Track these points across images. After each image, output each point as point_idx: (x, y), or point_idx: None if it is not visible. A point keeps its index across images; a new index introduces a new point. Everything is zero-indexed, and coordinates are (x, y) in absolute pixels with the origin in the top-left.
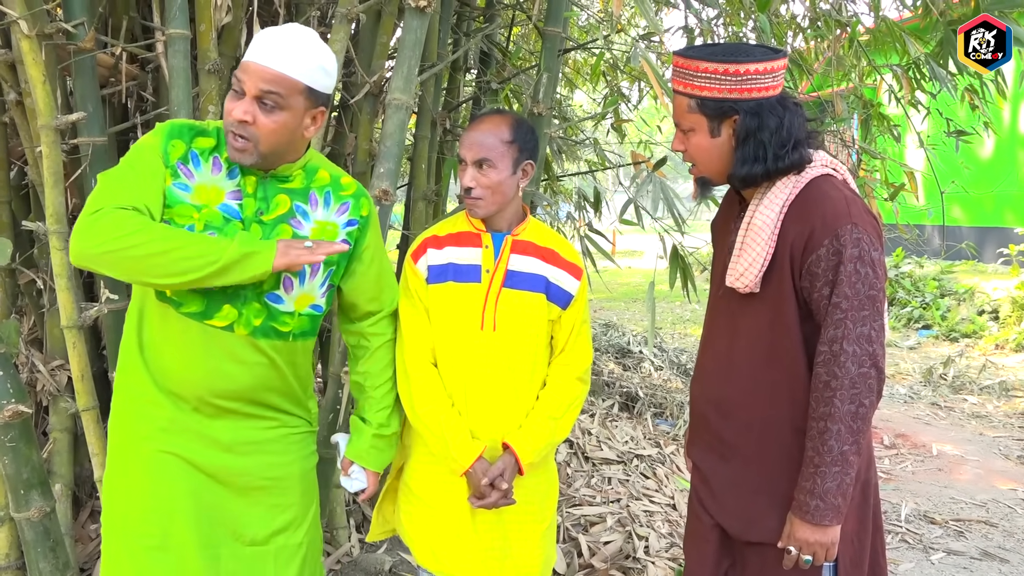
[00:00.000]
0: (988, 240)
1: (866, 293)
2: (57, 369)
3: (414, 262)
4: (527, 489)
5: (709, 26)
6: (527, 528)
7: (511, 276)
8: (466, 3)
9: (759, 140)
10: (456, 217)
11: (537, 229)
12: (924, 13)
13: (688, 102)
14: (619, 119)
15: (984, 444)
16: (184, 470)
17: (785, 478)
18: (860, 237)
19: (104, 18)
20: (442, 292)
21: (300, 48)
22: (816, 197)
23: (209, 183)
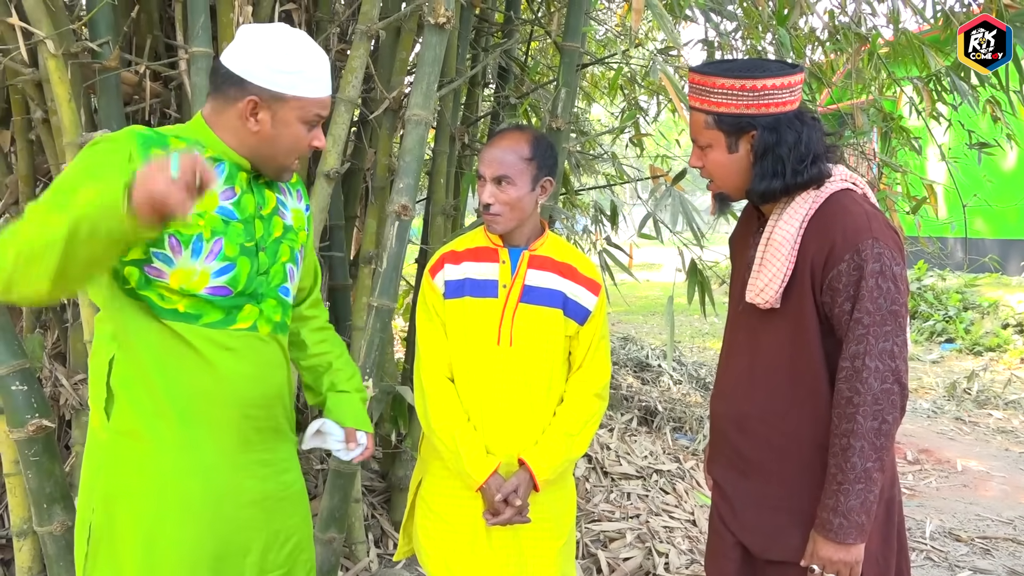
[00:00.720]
0: (1012, 253)
1: (888, 308)
2: (80, 383)
3: (431, 277)
4: (543, 506)
5: (728, 40)
6: (543, 545)
7: (528, 291)
8: (484, 19)
9: (777, 155)
10: (474, 232)
11: (555, 244)
12: (944, 25)
13: (705, 118)
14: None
15: (1010, 460)
16: (218, 511)
17: (807, 495)
18: (881, 252)
19: (128, 37)
20: (459, 307)
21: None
22: (836, 212)
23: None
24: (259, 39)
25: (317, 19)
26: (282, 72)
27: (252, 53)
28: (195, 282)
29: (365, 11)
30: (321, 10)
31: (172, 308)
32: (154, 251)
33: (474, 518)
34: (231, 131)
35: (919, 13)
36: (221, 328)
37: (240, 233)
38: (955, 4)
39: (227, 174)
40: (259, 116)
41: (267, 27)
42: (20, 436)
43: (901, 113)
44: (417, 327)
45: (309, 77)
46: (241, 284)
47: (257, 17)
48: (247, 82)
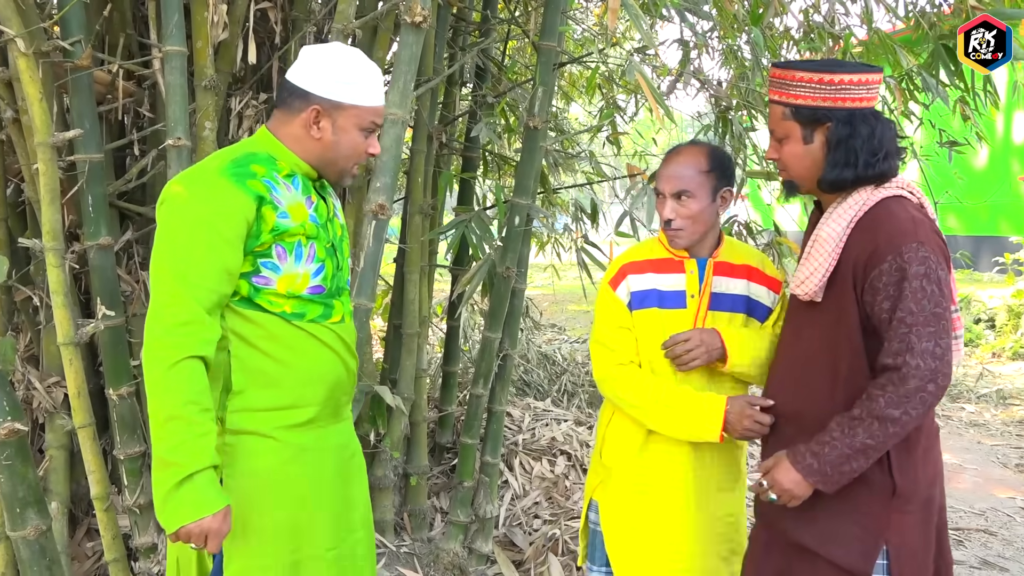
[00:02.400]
0: (983, 249)
1: (932, 310)
2: (53, 386)
3: (613, 289)
4: (727, 509)
5: (704, 39)
6: (729, 540)
7: (715, 299)
8: (462, 18)
9: (851, 147)
10: (650, 244)
11: (731, 248)
12: (916, 25)
13: (783, 110)
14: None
15: (982, 453)
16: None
17: (855, 488)
18: (927, 256)
19: (101, 35)
20: (647, 317)
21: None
22: (883, 215)
23: (294, 201)
24: (319, 56)
25: (293, 17)
26: (340, 83)
27: (314, 68)
28: (299, 284)
29: (341, 10)
30: (297, 8)
31: (281, 311)
32: (262, 261)
33: (662, 518)
34: (296, 140)
35: (892, 12)
36: (322, 323)
37: (324, 236)
38: (926, 4)
39: (302, 186)
40: (321, 124)
41: (327, 46)
42: None
43: None
44: (598, 335)
45: (364, 87)
46: (329, 281)
47: (231, 16)
48: (310, 94)
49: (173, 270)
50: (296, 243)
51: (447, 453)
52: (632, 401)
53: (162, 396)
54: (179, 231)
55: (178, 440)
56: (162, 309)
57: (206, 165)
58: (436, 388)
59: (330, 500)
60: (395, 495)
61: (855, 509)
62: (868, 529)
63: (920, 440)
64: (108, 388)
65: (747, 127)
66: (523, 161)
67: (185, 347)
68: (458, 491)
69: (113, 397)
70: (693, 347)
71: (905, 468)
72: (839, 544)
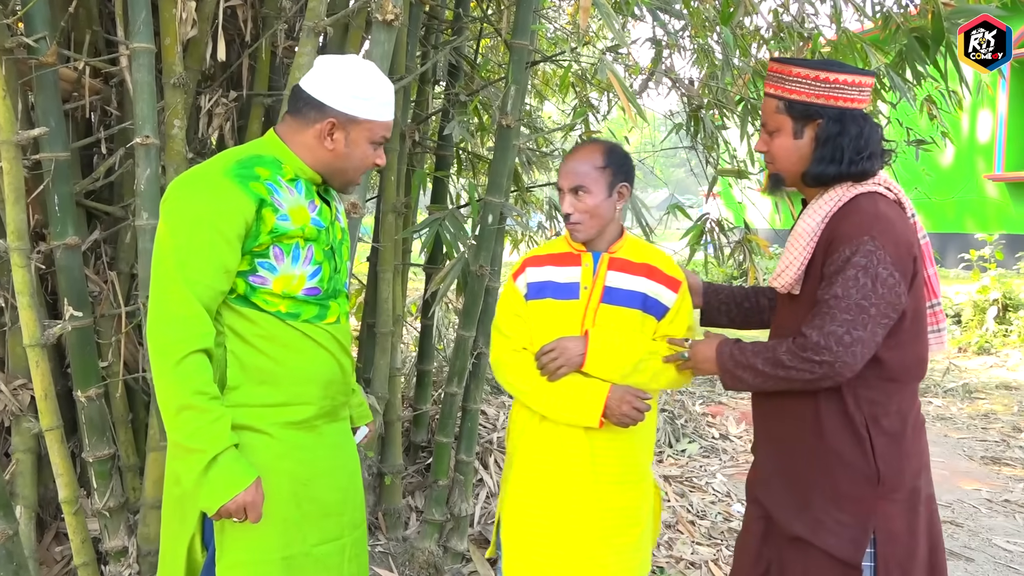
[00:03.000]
0: (950, 246)
1: (857, 301)
2: (20, 388)
3: (514, 280)
4: (623, 498)
5: (675, 38)
6: (625, 531)
7: (608, 292)
8: (434, 16)
9: (838, 144)
10: (557, 240)
11: (633, 246)
12: (884, 25)
13: (777, 104)
14: (588, 130)
15: (949, 446)
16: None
17: (832, 472)
18: (874, 251)
19: (66, 32)
20: (541, 308)
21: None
22: (853, 210)
23: (296, 204)
24: (337, 69)
25: (263, 15)
26: (357, 98)
27: (330, 80)
28: (294, 285)
29: (312, 7)
30: (267, 6)
31: (276, 310)
32: (259, 261)
33: (556, 504)
34: (307, 148)
35: (860, 11)
36: (316, 323)
37: (324, 239)
38: (893, 5)
39: (305, 190)
40: (335, 136)
41: (344, 58)
42: None
43: None
44: (497, 322)
45: (380, 103)
46: (326, 284)
47: (200, 13)
48: (326, 106)
49: (173, 265)
50: (294, 245)
51: (422, 452)
52: (521, 387)
53: (172, 388)
54: (181, 227)
55: (194, 427)
56: (163, 304)
57: (212, 164)
58: (410, 387)
59: (322, 498)
60: (370, 494)
61: (843, 496)
62: (857, 516)
63: (905, 432)
64: (76, 390)
65: (719, 125)
66: (496, 159)
67: (189, 341)
68: (433, 490)
69: (81, 399)
70: (557, 355)
71: (888, 456)
72: (830, 533)
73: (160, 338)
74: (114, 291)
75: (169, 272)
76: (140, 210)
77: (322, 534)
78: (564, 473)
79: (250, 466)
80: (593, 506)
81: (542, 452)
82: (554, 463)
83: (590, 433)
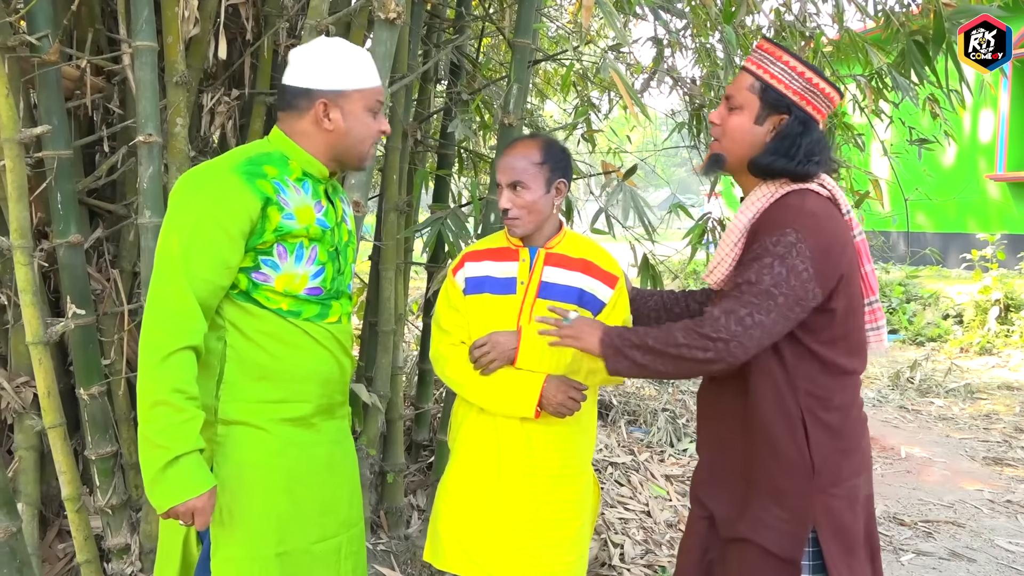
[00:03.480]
0: (951, 246)
1: (767, 287)
2: (23, 386)
3: (453, 275)
4: (562, 490)
5: (677, 37)
6: (564, 524)
7: (545, 287)
8: (436, 15)
9: (797, 143)
10: (496, 235)
11: (573, 241)
12: (886, 24)
13: (753, 82)
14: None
15: (951, 446)
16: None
17: (768, 467)
18: (794, 243)
19: (69, 30)
20: (478, 303)
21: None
22: (780, 206)
23: (302, 204)
24: (310, 53)
25: (265, 13)
26: (337, 72)
27: (308, 65)
28: (297, 284)
29: (314, 6)
30: (269, 4)
31: (277, 307)
32: (263, 258)
33: (493, 496)
34: (309, 136)
35: (863, 11)
36: (317, 322)
37: (329, 240)
38: (895, 4)
39: (312, 190)
40: (331, 115)
41: (312, 42)
42: None
43: (845, 110)
44: (436, 316)
45: (361, 70)
46: (328, 284)
47: (203, 11)
48: (312, 90)
49: (176, 257)
50: (298, 244)
51: (424, 450)
52: (459, 380)
53: (152, 382)
54: (185, 221)
55: (164, 424)
56: (158, 297)
57: (220, 162)
58: (412, 385)
59: (318, 495)
60: (372, 493)
61: (780, 492)
62: (794, 512)
63: (845, 428)
64: (79, 388)
65: None
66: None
67: (177, 337)
68: (435, 488)
69: (84, 397)
70: (489, 349)
71: (824, 450)
72: (769, 529)
73: (152, 330)
74: (116, 289)
75: (171, 264)
76: (142, 208)
77: (317, 531)
78: (502, 466)
79: (210, 475)
80: (530, 499)
81: (481, 446)
82: (492, 456)
83: (528, 426)
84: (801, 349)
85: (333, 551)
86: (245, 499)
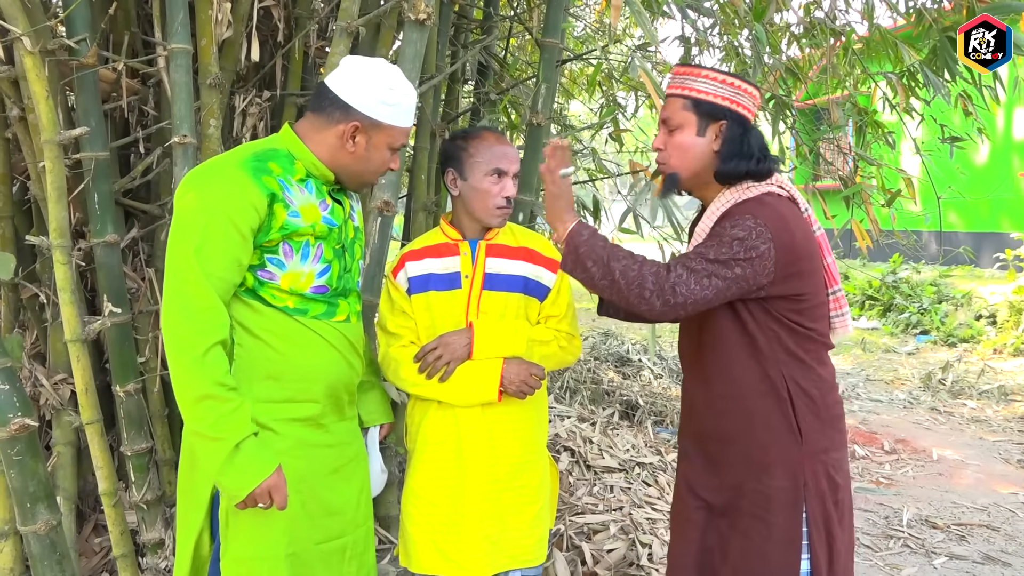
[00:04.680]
0: (985, 245)
1: (711, 256)
2: (60, 383)
3: (394, 277)
4: (520, 473)
5: (705, 36)
6: (522, 508)
7: (489, 279)
8: (464, 15)
9: (745, 142)
10: (430, 233)
11: (509, 231)
12: (917, 20)
13: (683, 102)
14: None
15: (984, 448)
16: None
17: (756, 444)
18: (753, 226)
19: (106, 34)
20: (425, 301)
21: None
22: (739, 205)
23: (307, 203)
24: (366, 71)
25: (296, 15)
26: (385, 104)
27: (358, 83)
28: (302, 283)
29: (345, 7)
30: (300, 6)
31: (283, 305)
32: (268, 256)
33: (457, 489)
34: (326, 147)
35: (893, 8)
36: (325, 320)
37: (335, 238)
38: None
39: (316, 190)
40: (357, 139)
41: (372, 61)
42: (2, 435)
43: (875, 108)
44: (382, 320)
45: (404, 109)
46: (335, 282)
47: (235, 14)
48: (352, 108)
49: (192, 254)
50: (304, 243)
51: None
52: (415, 379)
53: (192, 379)
54: (196, 219)
55: (214, 417)
56: (180, 296)
57: (227, 158)
58: None
59: (326, 496)
60: (399, 491)
61: (776, 464)
62: (792, 480)
63: (826, 404)
64: (115, 385)
65: None
66: (526, 158)
67: (209, 334)
68: None
69: (120, 394)
70: (441, 352)
71: (806, 417)
72: (771, 501)
73: (180, 329)
74: (151, 288)
75: (187, 262)
76: None
77: (325, 532)
78: (465, 459)
79: (271, 454)
80: (491, 487)
81: (442, 442)
82: (454, 451)
83: (489, 416)
84: (774, 322)
85: (338, 551)
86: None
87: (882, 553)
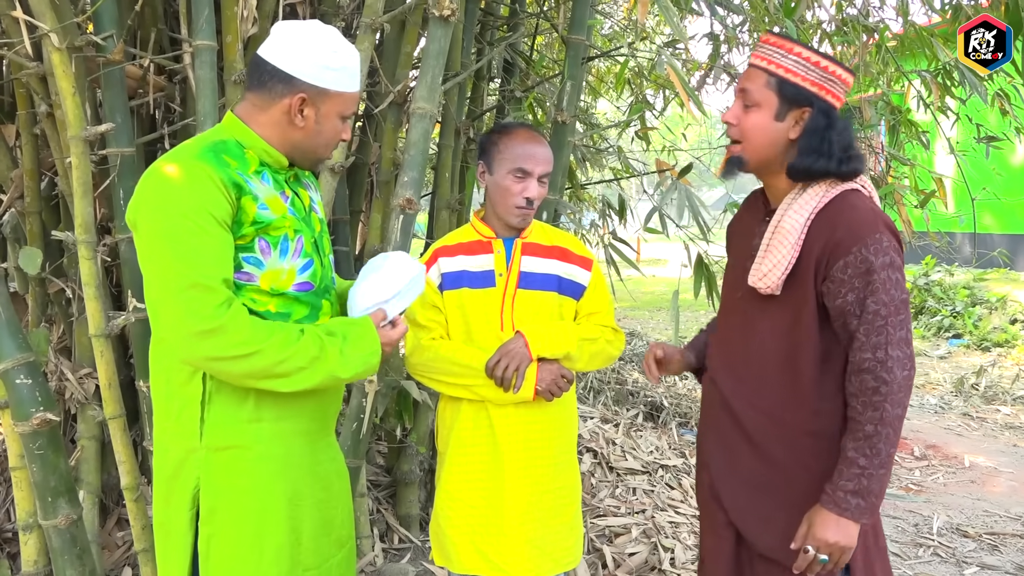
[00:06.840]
0: (1021, 248)
1: (900, 298)
2: (85, 377)
3: (426, 271)
4: (556, 473)
5: (734, 33)
6: (562, 510)
7: (524, 277)
8: (490, 12)
9: (827, 137)
10: (462, 229)
11: (541, 230)
12: (953, 17)
13: (768, 79)
14: (644, 127)
15: (1018, 456)
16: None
17: (796, 482)
18: (889, 246)
19: (132, 30)
20: (458, 298)
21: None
22: (844, 207)
23: (269, 195)
24: (303, 36)
25: (322, 12)
26: (330, 69)
27: (298, 50)
28: (284, 280)
29: (370, 4)
30: (325, 3)
31: (264, 310)
32: (244, 256)
33: (495, 491)
34: (273, 127)
35: (928, 4)
36: (309, 324)
37: (307, 231)
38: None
39: (273, 181)
40: (305, 112)
41: (306, 24)
42: (25, 429)
43: (909, 106)
44: (412, 314)
45: (351, 73)
46: (318, 278)
47: (261, 11)
48: (295, 78)
49: (168, 263)
50: (282, 237)
51: None
52: (451, 370)
53: (283, 366)
54: (175, 224)
55: (291, 349)
56: (164, 301)
57: (178, 154)
58: None
59: (313, 518)
60: (420, 490)
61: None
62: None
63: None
64: (138, 380)
65: None
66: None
67: (246, 331)
68: None
69: (143, 389)
70: (507, 362)
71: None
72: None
73: (183, 322)
74: None
75: (166, 272)
76: None
77: (312, 557)
78: (502, 460)
79: (360, 318)
80: (532, 489)
81: (478, 443)
82: (490, 451)
83: (524, 416)
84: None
85: (325, 574)
86: (241, 530)
87: (911, 561)
